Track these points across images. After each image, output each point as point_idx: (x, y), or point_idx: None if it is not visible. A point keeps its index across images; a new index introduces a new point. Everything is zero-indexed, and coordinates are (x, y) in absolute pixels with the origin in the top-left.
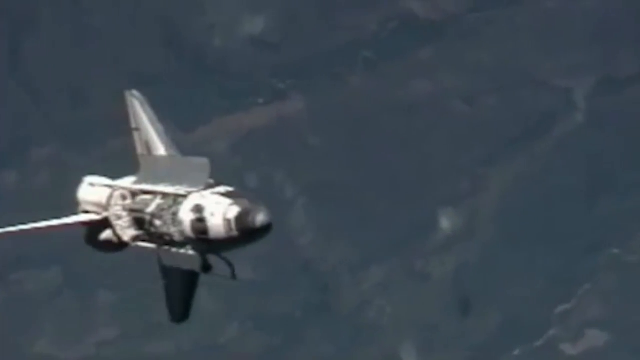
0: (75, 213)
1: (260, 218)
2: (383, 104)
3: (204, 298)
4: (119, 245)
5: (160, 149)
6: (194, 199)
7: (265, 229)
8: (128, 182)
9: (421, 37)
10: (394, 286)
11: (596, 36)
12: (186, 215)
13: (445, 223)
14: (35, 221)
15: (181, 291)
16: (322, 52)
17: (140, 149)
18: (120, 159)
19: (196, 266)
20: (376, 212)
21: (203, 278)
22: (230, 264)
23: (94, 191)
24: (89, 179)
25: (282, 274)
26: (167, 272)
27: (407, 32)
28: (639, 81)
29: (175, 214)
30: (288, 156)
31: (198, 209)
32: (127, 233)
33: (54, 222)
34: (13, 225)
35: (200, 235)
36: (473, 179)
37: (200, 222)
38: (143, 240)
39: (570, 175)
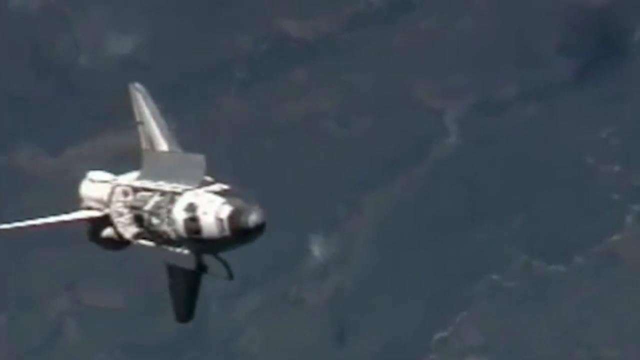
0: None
1: (253, 218)
2: (256, 125)
3: (69, 325)
4: (121, 242)
5: (162, 144)
6: (188, 197)
7: (259, 229)
8: (131, 177)
9: (295, 58)
10: (266, 314)
11: (472, 58)
12: (179, 213)
13: (320, 249)
14: None
15: (185, 291)
16: (194, 73)
17: (144, 144)
18: None
19: (193, 266)
20: None
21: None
22: (225, 264)
23: (95, 187)
24: (90, 175)
25: (152, 301)
26: (172, 272)
27: (281, 53)
28: (515, 104)
29: (170, 212)
30: None
31: (191, 207)
32: (129, 230)
33: (53, 219)
34: None
35: (193, 234)
36: (348, 203)
37: (192, 221)
38: (144, 238)
39: (448, 200)
